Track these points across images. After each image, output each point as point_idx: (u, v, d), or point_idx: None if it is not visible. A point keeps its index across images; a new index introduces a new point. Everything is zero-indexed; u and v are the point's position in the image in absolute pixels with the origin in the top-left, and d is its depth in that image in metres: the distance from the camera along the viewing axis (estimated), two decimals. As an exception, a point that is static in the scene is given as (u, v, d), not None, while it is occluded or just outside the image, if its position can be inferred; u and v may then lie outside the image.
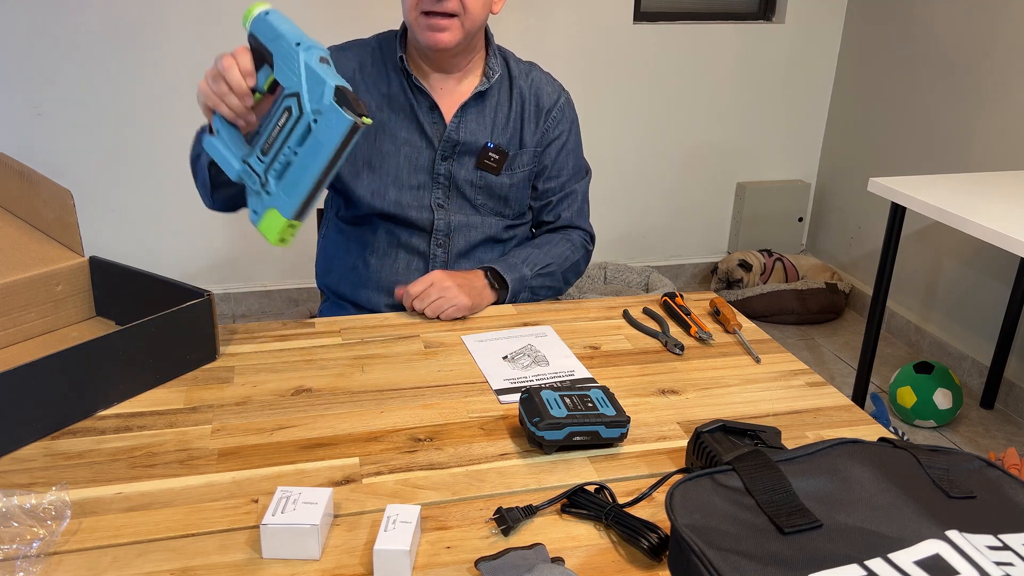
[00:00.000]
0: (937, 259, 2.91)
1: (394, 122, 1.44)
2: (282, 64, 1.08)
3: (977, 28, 2.67)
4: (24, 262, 1.22)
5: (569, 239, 1.56)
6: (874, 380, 2.81)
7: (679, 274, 3.56)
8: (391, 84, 1.45)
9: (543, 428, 0.96)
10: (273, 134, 1.10)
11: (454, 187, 1.47)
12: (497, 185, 1.49)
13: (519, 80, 1.50)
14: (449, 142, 1.45)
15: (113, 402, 1.06)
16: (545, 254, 1.50)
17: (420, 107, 1.44)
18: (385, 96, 1.44)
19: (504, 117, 1.48)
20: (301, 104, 1.06)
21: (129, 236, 2.96)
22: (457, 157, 1.46)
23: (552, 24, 3.04)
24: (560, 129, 1.53)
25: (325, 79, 1.04)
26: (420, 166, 1.45)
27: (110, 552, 0.81)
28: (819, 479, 0.74)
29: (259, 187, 1.13)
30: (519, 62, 1.53)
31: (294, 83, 1.07)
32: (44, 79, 2.70)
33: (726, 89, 3.32)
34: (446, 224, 1.47)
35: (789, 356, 1.26)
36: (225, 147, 1.15)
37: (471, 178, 1.47)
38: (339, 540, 0.84)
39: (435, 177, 1.46)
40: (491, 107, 1.47)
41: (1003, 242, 1.79)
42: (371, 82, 1.45)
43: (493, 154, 1.46)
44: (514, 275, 1.43)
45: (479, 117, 1.46)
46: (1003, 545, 0.66)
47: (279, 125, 1.09)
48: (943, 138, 2.85)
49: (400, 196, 1.46)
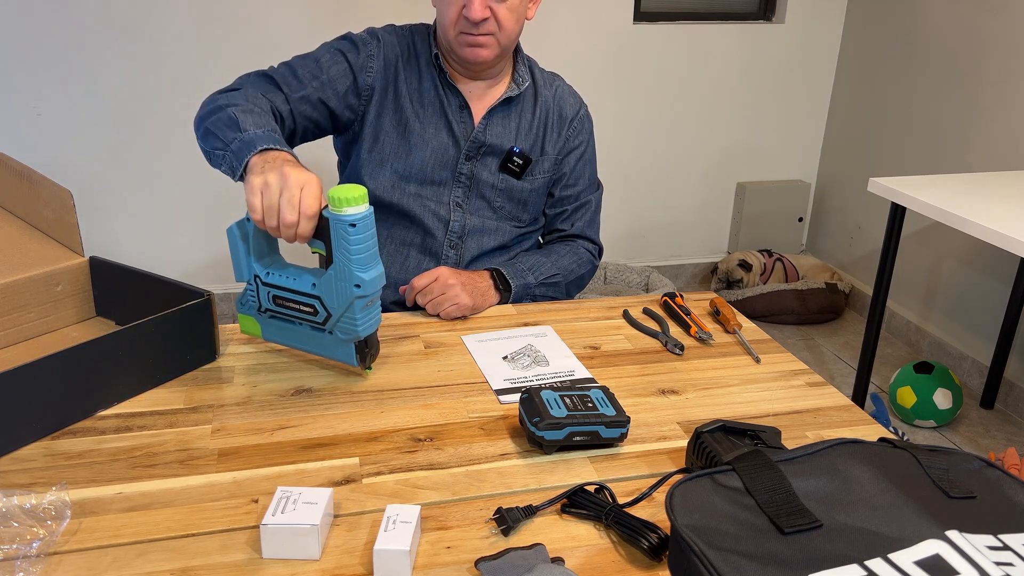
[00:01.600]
0: (937, 259, 2.91)
1: (423, 117, 1.46)
2: (336, 274, 1.04)
3: (977, 28, 2.67)
4: (24, 262, 1.22)
5: (576, 253, 1.57)
6: (874, 380, 2.81)
7: (679, 274, 3.56)
8: (423, 79, 1.46)
9: (543, 428, 0.96)
10: (290, 300, 1.10)
11: (475, 187, 1.49)
12: (518, 189, 1.51)
13: (544, 89, 1.53)
14: (476, 143, 1.47)
15: (113, 402, 1.06)
16: (552, 264, 1.51)
17: (450, 105, 1.46)
18: (416, 91, 1.46)
19: (528, 124, 1.51)
20: (328, 317, 1.08)
21: (129, 236, 2.96)
22: (481, 158, 1.48)
23: (552, 24, 3.04)
24: (580, 139, 1.56)
25: (359, 327, 1.07)
26: (444, 163, 1.47)
27: (110, 552, 0.81)
28: (819, 479, 0.74)
29: (254, 302, 1.14)
30: (543, 72, 1.56)
31: (333, 302, 1.06)
32: (44, 79, 2.70)
33: (726, 89, 3.32)
34: (461, 226, 1.49)
35: (789, 356, 1.26)
36: (246, 251, 1.12)
37: (493, 180, 1.49)
38: (339, 540, 0.84)
39: (457, 176, 1.48)
40: (517, 113, 1.50)
41: (1003, 242, 1.79)
42: (408, 73, 1.46)
43: (517, 159, 1.49)
44: (519, 281, 1.44)
45: (505, 122, 1.49)
46: (1003, 545, 0.66)
47: (298, 301, 1.10)
48: (943, 138, 2.85)
49: (421, 190, 1.47)
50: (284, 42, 2.81)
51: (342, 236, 1.01)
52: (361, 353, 1.11)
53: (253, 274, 1.12)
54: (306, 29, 2.82)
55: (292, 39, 2.80)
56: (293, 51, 1.77)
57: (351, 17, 2.83)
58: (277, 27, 2.81)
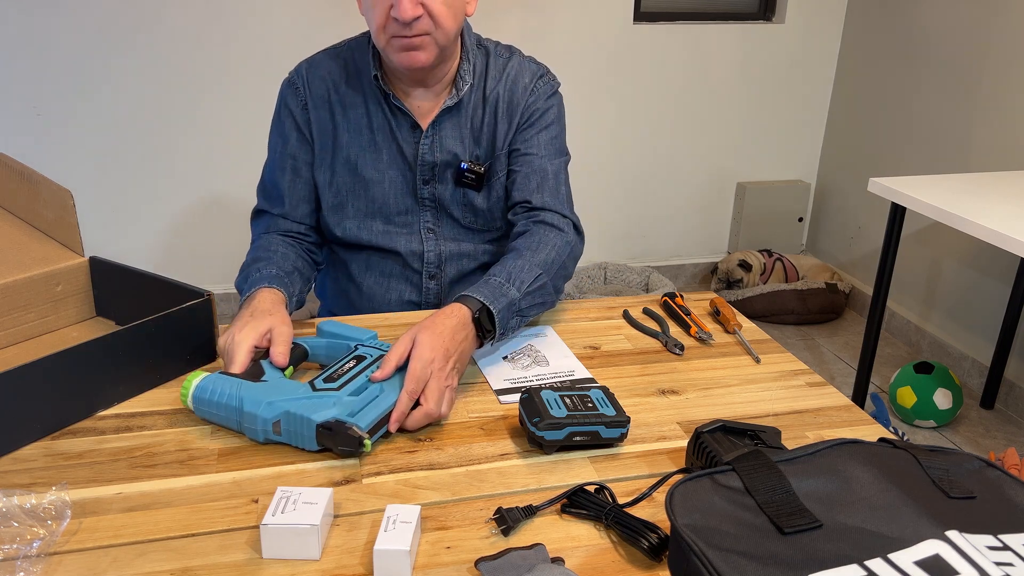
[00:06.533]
0: (937, 259, 2.91)
1: (374, 146, 1.36)
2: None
3: (977, 28, 2.67)
4: (24, 262, 1.22)
5: (545, 238, 1.30)
6: (874, 380, 2.81)
7: (679, 274, 3.56)
8: (368, 102, 1.35)
9: (543, 428, 0.96)
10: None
11: (442, 209, 1.40)
12: (480, 200, 1.40)
13: (492, 80, 1.38)
14: (425, 164, 1.36)
15: (113, 402, 1.06)
16: (528, 263, 1.24)
17: (400, 128, 1.35)
18: (364, 115, 1.36)
19: (479, 125, 1.38)
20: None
21: (129, 236, 2.96)
22: (438, 178, 1.38)
23: (552, 24, 3.04)
24: (535, 107, 1.39)
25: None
26: (404, 191, 1.38)
27: (110, 552, 0.81)
28: (819, 479, 0.74)
29: None
30: (498, 56, 1.40)
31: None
32: (44, 79, 2.70)
33: (726, 89, 3.32)
34: (437, 256, 1.41)
35: (789, 356, 1.26)
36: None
37: (456, 197, 1.39)
38: (339, 540, 0.84)
39: (420, 201, 1.39)
40: (467, 115, 1.37)
41: (1003, 242, 1.79)
42: (348, 102, 1.36)
43: (469, 173, 1.37)
44: (500, 304, 1.16)
45: (453, 131, 1.37)
46: (1003, 545, 0.66)
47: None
48: (943, 138, 2.85)
49: (388, 227, 1.39)
50: (284, 43, 2.81)
51: None
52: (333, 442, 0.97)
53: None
54: (306, 31, 2.82)
55: (292, 40, 2.80)
56: (293, 52, 1.77)
57: (351, 16, 2.83)
58: (278, 27, 2.81)
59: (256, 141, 2.91)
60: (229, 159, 2.93)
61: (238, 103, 2.87)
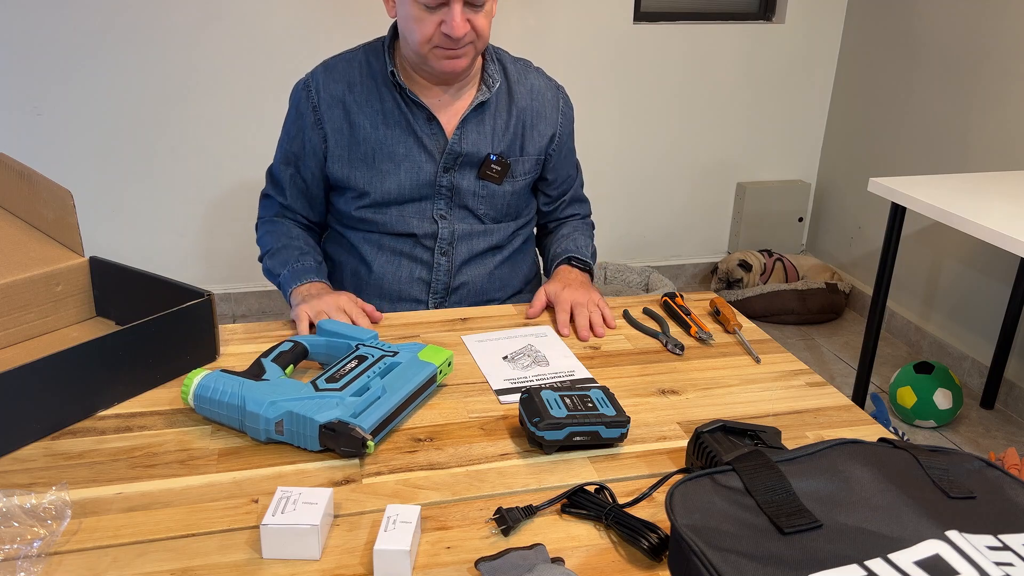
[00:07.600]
0: (937, 259, 2.91)
1: (391, 139, 1.42)
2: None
3: (977, 28, 2.67)
4: (24, 262, 1.22)
5: (582, 229, 1.63)
6: (874, 380, 2.81)
7: (679, 274, 3.56)
8: (384, 100, 1.42)
9: (543, 428, 0.96)
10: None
11: (456, 198, 1.46)
12: (499, 194, 1.48)
13: (517, 86, 1.49)
14: (452, 154, 1.43)
15: (113, 402, 1.06)
16: (584, 245, 1.57)
17: (417, 120, 1.42)
18: (379, 112, 1.42)
19: (504, 125, 1.47)
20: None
21: (129, 236, 2.96)
22: (459, 168, 1.45)
23: (552, 24, 3.04)
24: (566, 127, 1.55)
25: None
26: (422, 180, 1.44)
27: (110, 552, 0.81)
28: (819, 479, 0.74)
29: None
30: (515, 63, 1.51)
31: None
32: (44, 79, 2.70)
33: (726, 89, 3.32)
34: (450, 234, 1.47)
35: (789, 356, 1.26)
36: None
37: (473, 188, 1.46)
38: (339, 540, 0.84)
39: (437, 189, 1.45)
40: (490, 116, 1.46)
41: (1003, 242, 1.79)
42: (363, 100, 1.42)
43: (495, 165, 1.46)
44: (592, 264, 1.53)
45: (479, 127, 1.45)
46: (1003, 545, 0.66)
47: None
48: (943, 138, 2.85)
49: (402, 211, 1.46)
50: (284, 43, 2.81)
51: None
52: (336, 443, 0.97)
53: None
54: (306, 30, 2.82)
55: (292, 40, 2.80)
56: (293, 52, 1.77)
57: (351, 16, 2.83)
58: (278, 27, 2.81)
59: (256, 141, 2.91)
60: (229, 159, 2.93)
61: (238, 103, 2.87)
